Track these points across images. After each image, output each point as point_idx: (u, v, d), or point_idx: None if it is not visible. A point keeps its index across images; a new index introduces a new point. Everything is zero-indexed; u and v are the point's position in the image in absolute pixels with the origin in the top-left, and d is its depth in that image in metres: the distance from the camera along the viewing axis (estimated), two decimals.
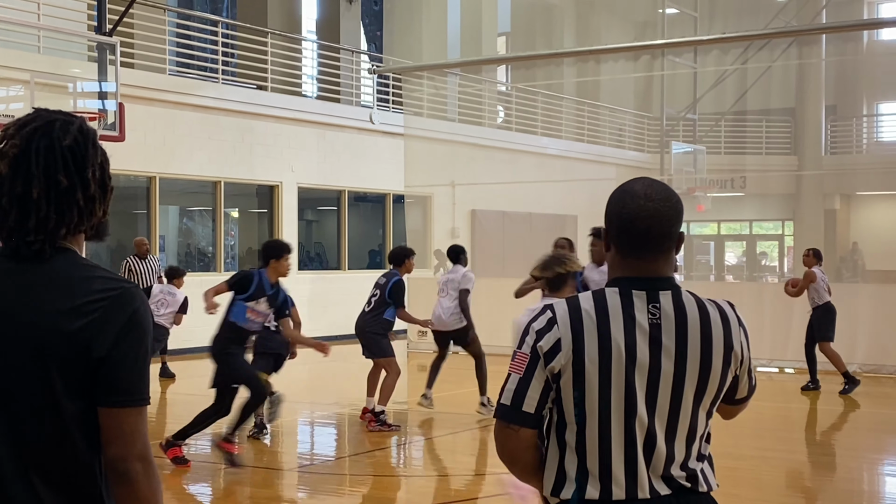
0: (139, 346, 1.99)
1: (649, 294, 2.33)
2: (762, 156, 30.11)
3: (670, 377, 2.31)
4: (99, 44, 12.04)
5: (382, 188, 20.94)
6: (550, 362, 2.30)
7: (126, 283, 2.02)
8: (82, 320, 1.94)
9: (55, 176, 2.01)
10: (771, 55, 27.17)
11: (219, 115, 17.52)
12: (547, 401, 2.32)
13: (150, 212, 16.82)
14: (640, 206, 2.34)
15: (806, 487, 8.10)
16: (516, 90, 26.42)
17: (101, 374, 1.96)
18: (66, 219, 2.03)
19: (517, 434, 2.33)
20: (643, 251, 2.35)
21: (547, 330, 2.32)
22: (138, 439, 1.98)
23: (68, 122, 2.07)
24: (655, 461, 2.31)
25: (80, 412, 1.96)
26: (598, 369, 2.28)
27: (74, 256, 2.04)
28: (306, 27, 25.20)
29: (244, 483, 7.91)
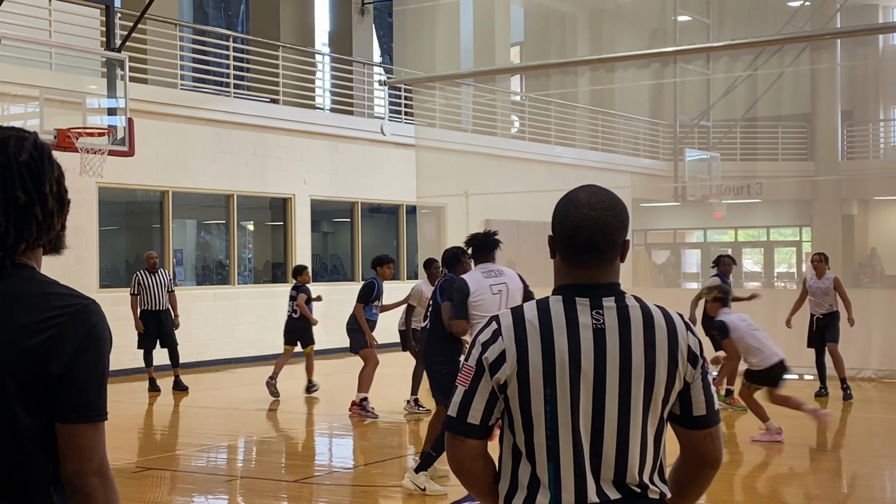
0: (97, 361, 1.99)
1: (592, 301, 2.35)
2: (777, 162, 29.98)
3: (616, 382, 2.31)
4: (108, 60, 12.10)
5: (396, 199, 20.96)
6: (496, 373, 2.32)
7: (84, 300, 2.02)
8: (39, 336, 1.94)
9: (12, 192, 2.00)
10: (784, 61, 27.08)
11: (231, 128, 17.59)
12: (493, 412, 2.34)
13: (164, 226, 16.89)
14: (584, 215, 2.36)
15: (818, 494, 8.03)
16: (529, 99, 26.43)
17: (59, 390, 1.96)
18: (25, 234, 2.02)
19: (463, 445, 2.36)
20: (586, 259, 2.36)
21: (492, 342, 2.34)
22: (96, 455, 1.98)
23: (22, 137, 2.07)
24: (604, 467, 2.32)
25: (38, 428, 1.97)
26: (542, 378, 2.30)
27: (32, 272, 2.04)
28: (319, 40, 25.30)
29: (259, 495, 7.90)
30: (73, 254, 14.65)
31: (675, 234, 33.93)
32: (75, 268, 14.64)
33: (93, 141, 11.39)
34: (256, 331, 17.38)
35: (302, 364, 13.06)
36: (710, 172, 27.49)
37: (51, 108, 11.43)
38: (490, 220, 22.77)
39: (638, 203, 28.48)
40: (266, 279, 19.64)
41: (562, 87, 26.55)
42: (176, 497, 8.03)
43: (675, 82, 27.66)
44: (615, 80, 27.51)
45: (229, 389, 14.40)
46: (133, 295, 13.34)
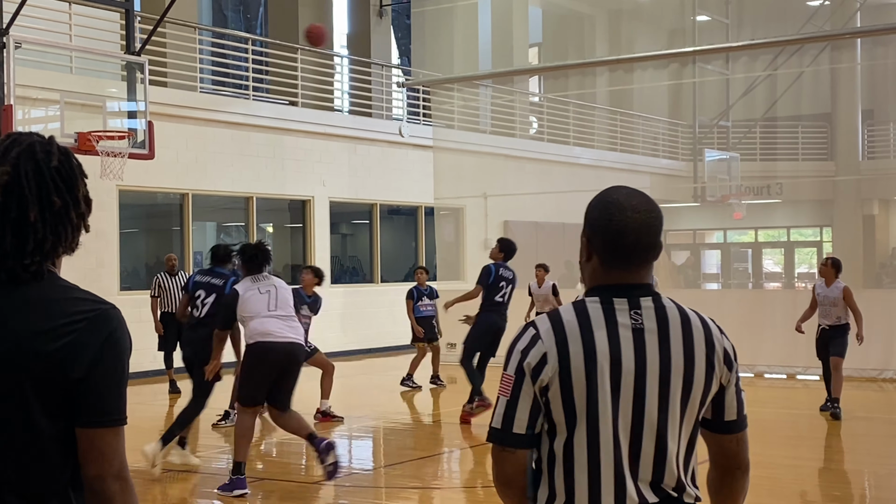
0: (117, 366, 2.01)
1: (630, 301, 2.35)
2: (797, 162, 29.82)
3: (656, 383, 2.31)
4: (129, 63, 12.16)
5: (414, 201, 20.97)
6: (538, 377, 2.30)
7: (104, 305, 2.03)
8: (59, 342, 1.96)
9: (49, 197, 2.03)
10: (803, 60, 26.94)
11: (250, 131, 17.65)
12: (537, 419, 2.32)
13: (184, 228, 16.97)
14: (629, 218, 2.35)
15: (837, 496, 7.98)
16: (547, 100, 26.39)
17: (79, 394, 1.98)
18: (62, 238, 2.05)
19: (513, 456, 2.33)
20: (629, 262, 2.36)
21: (531, 346, 2.32)
22: (116, 459, 2.00)
23: (47, 143, 2.09)
24: (642, 469, 2.31)
25: (58, 432, 1.99)
26: (584, 378, 2.28)
27: (53, 278, 2.06)
28: (338, 42, 25.35)
29: (282, 496, 7.92)
30: (93, 256, 14.73)
31: (695, 234, 33.78)
32: (96, 270, 14.72)
33: (113, 144, 11.45)
34: None
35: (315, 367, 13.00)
36: (730, 173, 27.37)
37: (71, 112, 11.50)
38: (509, 222, 22.76)
39: (657, 203, 28.36)
40: (285, 281, 19.66)
41: (580, 88, 26.50)
42: (196, 499, 8.06)
43: (694, 82, 27.56)
44: (634, 80, 27.44)
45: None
46: (153, 297, 13.39)
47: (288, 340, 7.73)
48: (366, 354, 18.96)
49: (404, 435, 10.70)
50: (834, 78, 28.94)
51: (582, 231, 2.45)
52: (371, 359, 18.57)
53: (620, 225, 2.35)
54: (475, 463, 9.48)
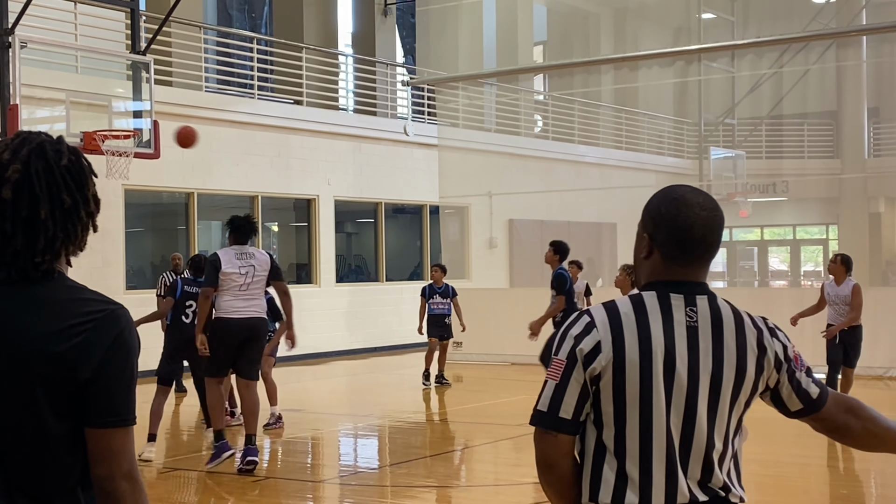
0: (125, 367, 2.01)
1: (686, 297, 2.36)
2: (803, 159, 29.78)
3: (707, 380, 2.32)
4: (134, 62, 12.18)
5: (419, 199, 20.97)
6: (591, 364, 2.30)
7: (112, 305, 2.03)
8: (68, 343, 1.96)
9: (59, 196, 2.03)
10: (809, 58, 26.88)
11: (255, 130, 17.66)
12: (584, 406, 2.32)
13: (189, 227, 16.98)
14: (696, 215, 2.38)
15: (845, 496, 7.97)
16: (553, 99, 26.37)
17: (88, 395, 1.98)
18: (72, 237, 2.05)
19: (555, 440, 2.32)
20: (691, 258, 2.39)
21: (586, 333, 2.32)
22: (125, 459, 2.00)
23: (56, 142, 2.10)
24: (692, 467, 2.32)
25: (67, 432, 1.99)
26: (638, 370, 2.29)
27: (62, 278, 2.06)
28: (342, 41, 25.35)
29: (286, 495, 7.92)
30: (99, 256, 14.75)
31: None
32: (102, 270, 14.74)
33: (118, 143, 11.46)
34: None
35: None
36: (736, 171, 27.35)
37: (77, 111, 11.51)
38: (514, 220, 22.76)
39: None
40: (290, 280, 19.69)
41: (585, 86, 26.48)
42: (203, 497, 8.07)
43: (700, 80, 27.53)
44: (639, 78, 27.41)
45: None
46: (159, 296, 13.40)
47: (247, 316, 8.26)
48: (371, 353, 18.97)
49: (410, 434, 10.70)
50: (840, 75, 28.89)
51: (641, 227, 2.47)
52: (376, 357, 18.58)
53: (688, 221, 2.37)
54: (481, 462, 9.48)
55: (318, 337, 18.17)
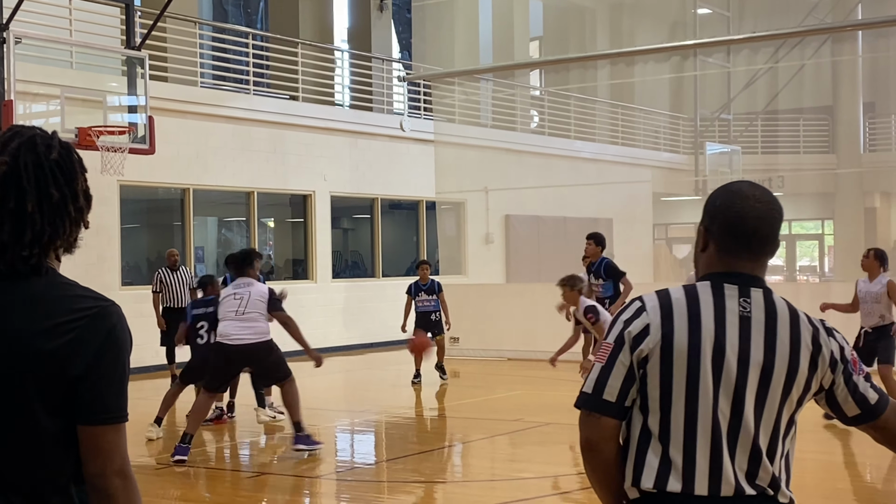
0: (117, 364, 2.00)
1: (741, 289, 2.35)
2: (799, 154, 29.80)
3: (758, 373, 2.30)
4: (129, 58, 12.15)
5: (415, 195, 20.97)
6: (638, 346, 2.29)
7: (104, 302, 2.03)
8: (60, 339, 1.96)
9: (47, 190, 2.02)
10: (805, 53, 26.89)
11: (251, 125, 17.64)
12: (630, 390, 2.30)
13: (185, 223, 16.96)
14: (750, 207, 2.38)
15: (841, 489, 7.98)
16: (548, 94, 26.36)
17: (80, 392, 1.97)
18: (60, 231, 2.04)
19: (599, 422, 2.31)
20: (746, 251, 2.38)
21: (635, 317, 2.33)
22: (117, 455, 1.99)
23: (48, 136, 2.09)
24: (739, 456, 2.29)
25: (60, 429, 1.99)
26: (687, 354, 2.28)
27: (53, 275, 2.05)
28: (338, 36, 25.31)
29: (281, 491, 7.92)
30: (95, 252, 14.73)
31: (696, 227, 33.74)
32: (97, 266, 14.72)
33: (113, 139, 11.44)
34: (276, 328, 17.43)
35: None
36: (731, 166, 27.37)
37: (72, 107, 11.48)
38: (510, 215, 22.76)
39: (658, 197, 28.38)
40: (287, 276, 19.69)
41: (581, 82, 26.48)
42: (199, 493, 8.06)
43: (696, 75, 27.53)
44: (635, 73, 27.41)
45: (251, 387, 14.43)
46: (155, 293, 13.38)
47: (242, 343, 8.74)
48: (367, 349, 18.97)
49: (406, 429, 10.69)
50: (835, 70, 28.91)
51: (700, 221, 2.47)
52: (373, 353, 18.58)
53: (741, 212, 2.38)
54: (478, 457, 9.48)
55: (314, 333, 18.10)
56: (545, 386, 12.02)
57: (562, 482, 8.09)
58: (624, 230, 25.49)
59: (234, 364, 8.98)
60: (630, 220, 25.84)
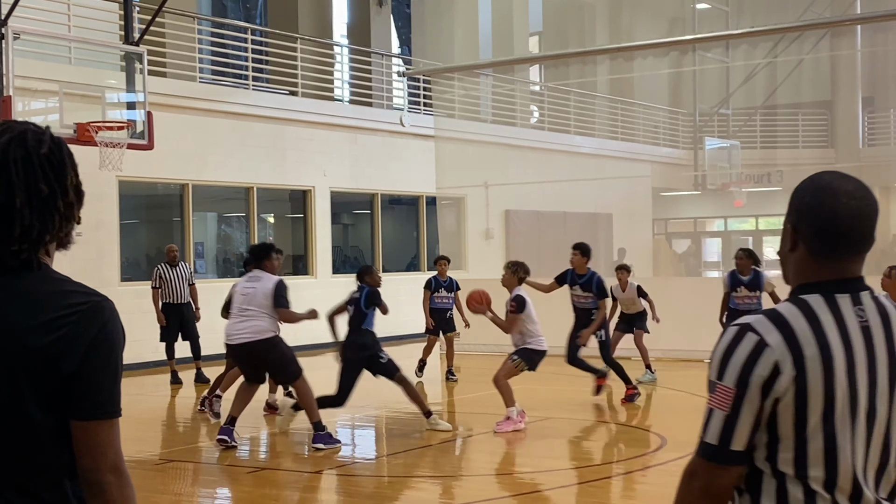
0: (109, 359, 2.00)
1: (853, 296, 2.17)
2: (798, 149, 29.79)
3: (886, 384, 2.15)
4: (127, 53, 12.14)
5: (415, 190, 20.96)
6: (770, 390, 2.09)
7: (96, 297, 2.02)
8: (52, 335, 1.95)
9: (36, 185, 2.01)
10: (803, 48, 26.88)
11: (250, 121, 17.63)
12: (756, 433, 2.13)
13: (184, 219, 16.96)
14: (843, 205, 2.17)
15: None
16: (548, 89, 26.35)
17: (73, 388, 1.97)
18: (49, 226, 2.03)
19: (728, 473, 2.14)
20: (841, 252, 2.18)
21: (758, 356, 2.09)
22: (110, 451, 2.00)
23: (39, 131, 2.08)
24: (883, 482, 2.17)
25: (53, 425, 1.98)
26: (822, 389, 2.09)
27: (46, 270, 2.04)
28: (338, 31, 25.29)
29: (281, 486, 7.92)
30: (94, 247, 14.72)
31: (696, 222, 33.77)
32: (97, 261, 14.71)
33: (112, 135, 11.43)
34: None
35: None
36: (731, 161, 27.36)
37: (70, 103, 11.47)
38: (510, 211, 22.75)
39: (658, 192, 28.38)
40: (287, 271, 19.67)
41: (581, 77, 26.46)
42: (199, 489, 8.07)
43: (695, 70, 27.52)
44: (634, 68, 27.36)
45: None
46: (154, 288, 13.38)
47: (238, 342, 8.84)
48: None
49: (407, 424, 10.68)
50: (834, 65, 28.90)
51: (785, 218, 2.28)
52: None
53: (833, 210, 2.17)
54: (479, 452, 9.49)
55: (314, 328, 18.14)
56: (544, 381, 12.02)
57: (560, 477, 8.09)
58: (623, 225, 25.50)
59: (241, 361, 9.08)
60: (630, 214, 25.84)
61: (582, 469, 8.40)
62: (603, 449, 9.54)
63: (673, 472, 8.03)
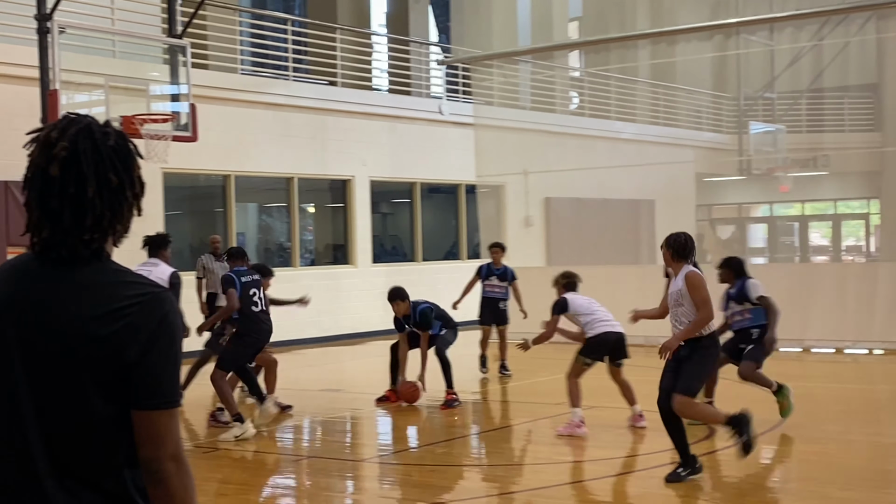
0: (170, 350, 2.04)
1: None
2: (844, 133, 29.40)
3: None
4: (171, 46, 12.22)
5: (455, 179, 20.93)
6: None
7: (156, 288, 2.06)
8: (113, 326, 1.99)
9: (106, 175, 2.05)
10: (849, 30, 26.48)
11: (291, 112, 17.70)
12: None
13: (227, 210, 17.08)
14: None
15: (889, 471, 7.88)
16: (588, 75, 26.19)
17: (133, 377, 2.01)
18: (119, 216, 2.08)
19: None
20: None
21: None
22: (170, 440, 2.03)
23: (103, 124, 2.13)
24: None
25: (114, 414, 2.02)
26: None
27: (107, 261, 2.08)
28: (376, 21, 25.31)
29: (320, 473, 7.97)
30: (139, 239, 14.84)
31: (741, 208, 33.45)
32: (143, 253, 14.83)
33: (157, 127, 11.52)
34: (318, 312, 17.50)
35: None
36: (776, 145, 27.05)
37: (115, 96, 11.56)
38: (550, 198, 22.67)
39: (701, 178, 28.12)
40: (327, 261, 19.77)
41: (622, 62, 26.26)
42: (245, 476, 8.13)
43: (738, 54, 27.22)
44: (676, 53, 27.13)
45: (293, 371, 14.52)
46: (198, 279, 13.48)
47: None
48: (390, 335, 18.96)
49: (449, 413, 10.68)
50: (880, 47, 28.45)
51: None
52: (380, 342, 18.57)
53: None
54: (521, 441, 9.47)
55: (355, 317, 18.23)
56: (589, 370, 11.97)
57: (607, 466, 8.05)
58: (666, 211, 25.29)
59: None
60: (673, 201, 25.63)
61: (631, 458, 8.36)
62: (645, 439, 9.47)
63: (721, 461, 7.97)
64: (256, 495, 7.54)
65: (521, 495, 7.27)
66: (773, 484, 7.57)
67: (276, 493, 7.73)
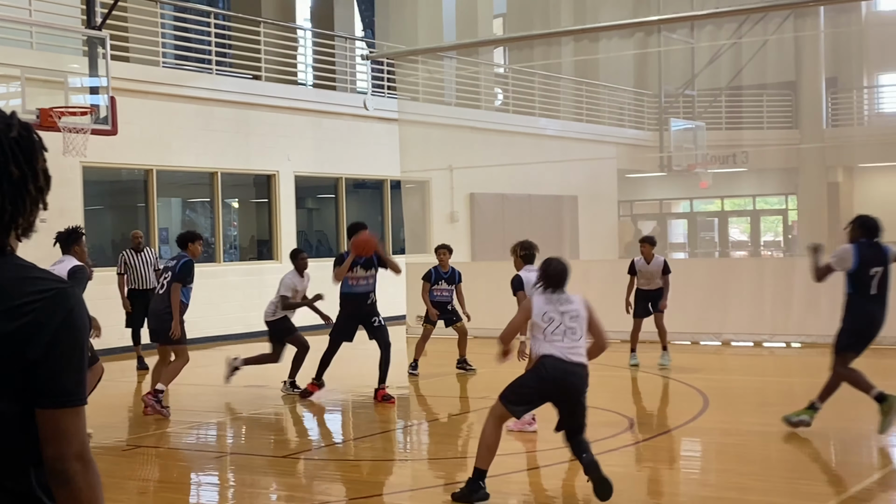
0: (74, 347, 1.99)
1: None
2: (763, 130, 30.03)
3: None
4: (90, 38, 12.01)
5: (380, 174, 20.91)
6: None
7: (61, 284, 2.01)
8: (17, 322, 1.94)
9: (6, 168, 2.00)
10: (768, 28, 27.05)
11: (214, 105, 17.50)
12: None
13: (149, 204, 16.83)
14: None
15: (810, 462, 8.10)
16: (513, 71, 26.35)
17: (37, 375, 1.96)
18: (20, 210, 2.02)
19: None
20: None
21: None
22: (76, 439, 1.98)
23: (7, 115, 2.07)
24: None
25: (17, 413, 1.97)
26: None
27: (10, 256, 2.03)
28: (301, 15, 25.14)
29: (244, 470, 7.92)
30: None
31: (662, 204, 33.98)
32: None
33: (75, 120, 11.32)
34: (243, 308, 17.37)
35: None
36: (696, 142, 27.52)
37: (32, 88, 11.35)
38: (475, 194, 22.77)
39: (623, 174, 28.49)
40: (251, 256, 19.61)
41: (545, 59, 26.48)
42: (166, 474, 8.04)
43: (660, 51, 27.62)
44: (599, 50, 27.43)
45: (217, 367, 14.38)
46: (119, 274, 13.30)
47: None
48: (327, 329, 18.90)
49: (373, 408, 10.68)
50: (798, 46, 29.11)
51: None
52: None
53: None
54: (446, 435, 9.51)
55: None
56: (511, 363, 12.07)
57: (536, 458, 8.13)
58: (589, 207, 25.59)
59: None
60: (595, 197, 25.94)
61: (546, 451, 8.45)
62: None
63: (640, 453, 8.10)
64: (178, 493, 7.46)
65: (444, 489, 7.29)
66: (692, 476, 7.72)
67: (199, 491, 7.65)
